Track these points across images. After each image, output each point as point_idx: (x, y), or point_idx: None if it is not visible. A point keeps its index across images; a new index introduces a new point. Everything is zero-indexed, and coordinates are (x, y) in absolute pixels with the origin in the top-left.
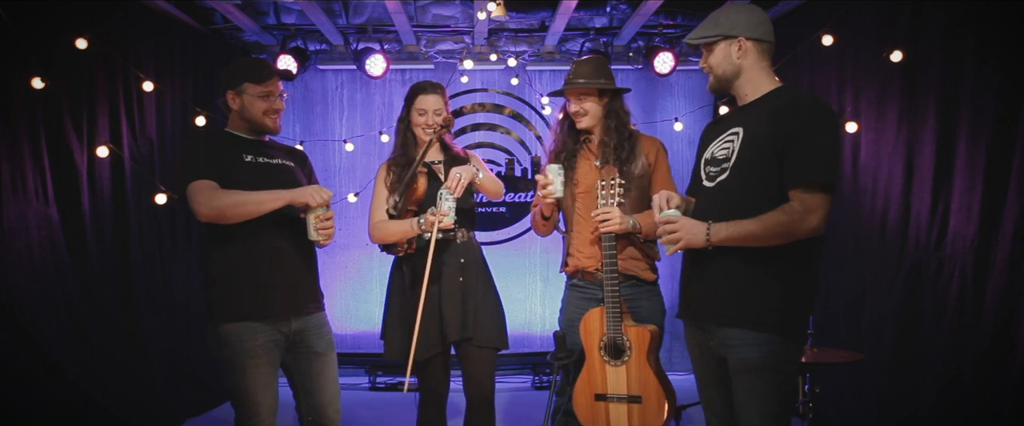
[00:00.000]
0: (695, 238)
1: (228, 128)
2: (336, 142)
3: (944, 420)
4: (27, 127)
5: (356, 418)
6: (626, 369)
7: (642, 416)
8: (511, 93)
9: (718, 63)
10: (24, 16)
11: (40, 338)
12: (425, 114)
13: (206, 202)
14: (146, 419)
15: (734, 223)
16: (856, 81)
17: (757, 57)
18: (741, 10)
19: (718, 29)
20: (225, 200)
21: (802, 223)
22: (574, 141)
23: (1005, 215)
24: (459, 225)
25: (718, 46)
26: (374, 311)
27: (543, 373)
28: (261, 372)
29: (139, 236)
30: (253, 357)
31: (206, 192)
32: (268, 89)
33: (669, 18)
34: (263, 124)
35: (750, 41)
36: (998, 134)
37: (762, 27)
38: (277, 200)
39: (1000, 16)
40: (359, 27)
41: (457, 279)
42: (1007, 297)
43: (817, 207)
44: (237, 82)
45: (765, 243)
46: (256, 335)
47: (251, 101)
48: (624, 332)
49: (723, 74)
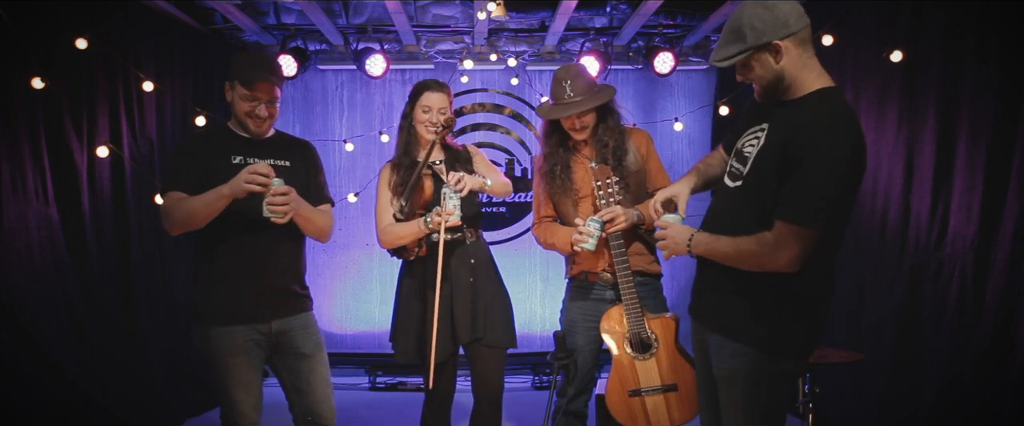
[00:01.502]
0: (678, 247)
1: (230, 121)
2: (336, 142)
3: (944, 420)
4: (27, 127)
5: (356, 418)
6: (656, 361)
7: (680, 403)
8: (511, 93)
9: (759, 75)
10: (24, 16)
11: (40, 338)
12: (429, 111)
13: (166, 217)
14: (146, 419)
15: (714, 238)
16: (856, 81)
17: (798, 52)
18: (761, 11)
19: (745, 43)
20: (177, 214)
21: (772, 257)
22: (565, 149)
23: (1005, 215)
24: (468, 226)
25: (752, 60)
26: (374, 311)
27: (543, 373)
28: (240, 371)
29: (139, 236)
30: (232, 356)
31: (167, 207)
32: (254, 94)
33: (669, 18)
34: (246, 125)
35: (784, 41)
36: (998, 134)
37: (792, 17)
38: (220, 199)
39: (1000, 16)
40: (359, 27)
41: (468, 280)
42: (1007, 297)
43: (791, 244)
44: (231, 77)
45: (737, 266)
46: (235, 335)
47: (236, 100)
48: (647, 325)
49: (769, 85)
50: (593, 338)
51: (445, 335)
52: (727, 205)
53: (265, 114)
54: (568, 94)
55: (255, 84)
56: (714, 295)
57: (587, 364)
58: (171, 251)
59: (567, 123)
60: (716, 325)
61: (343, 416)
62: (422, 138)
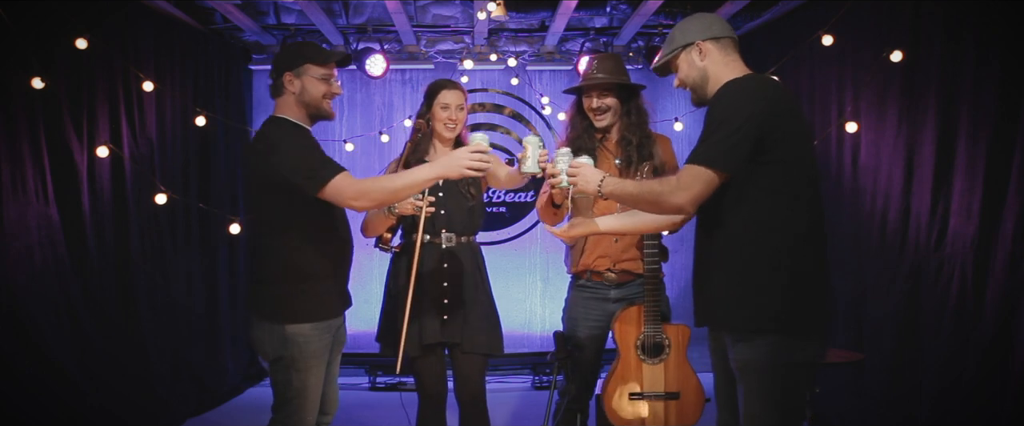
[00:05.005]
0: (589, 185)
1: (279, 113)
2: (336, 142)
3: (944, 420)
4: (27, 127)
5: (356, 418)
6: (664, 367)
7: (679, 413)
8: (511, 93)
9: (686, 73)
10: (24, 16)
11: (40, 338)
12: (449, 109)
13: (363, 194)
14: (146, 419)
15: (623, 181)
16: (856, 81)
17: (720, 55)
18: (691, 20)
19: (674, 44)
20: (378, 193)
21: (671, 196)
22: (591, 139)
23: (1005, 215)
24: (450, 229)
25: (680, 59)
26: (374, 311)
27: (543, 373)
28: (320, 372)
29: (139, 236)
30: (317, 358)
31: (363, 186)
32: (330, 72)
33: (669, 18)
34: (321, 109)
35: (707, 42)
36: (998, 134)
37: (716, 25)
38: (428, 180)
39: (1000, 16)
40: (359, 27)
41: (441, 285)
42: (1007, 297)
43: (692, 186)
44: (297, 62)
45: (640, 207)
46: (323, 336)
47: (312, 83)
48: (664, 330)
49: (694, 82)
50: (596, 336)
51: (413, 335)
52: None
53: (340, 91)
54: (593, 72)
55: (331, 62)
56: (713, 294)
57: (590, 362)
58: (171, 251)
59: (587, 103)
60: (727, 324)
61: (343, 416)
62: (440, 135)
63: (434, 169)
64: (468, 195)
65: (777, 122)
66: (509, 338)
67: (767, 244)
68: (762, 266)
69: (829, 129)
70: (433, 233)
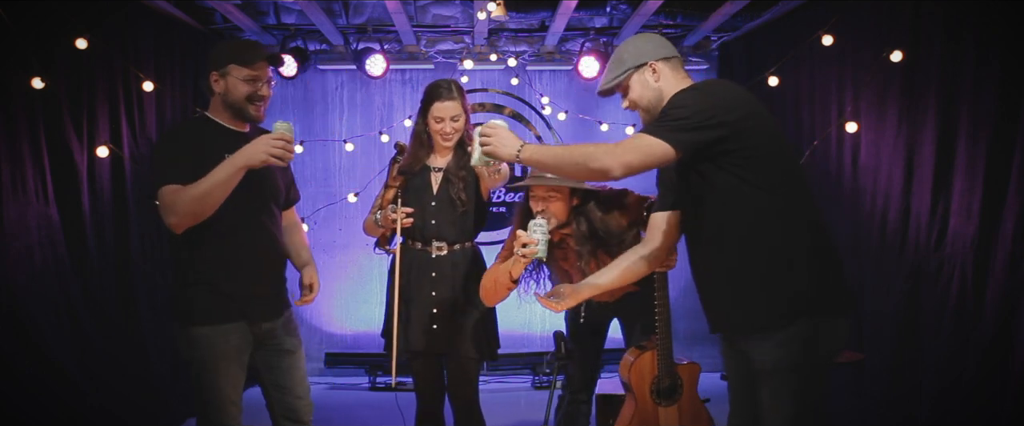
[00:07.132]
0: (507, 151)
1: (209, 113)
2: (336, 142)
3: (944, 420)
4: (27, 127)
5: (356, 418)
6: (678, 408)
7: None
8: (511, 93)
9: (639, 95)
10: (24, 16)
11: (40, 338)
12: (442, 122)
13: (171, 211)
14: (146, 419)
15: (544, 145)
16: (856, 81)
17: (672, 74)
18: (638, 39)
19: (624, 66)
20: (184, 205)
21: (603, 157)
22: None
23: (1005, 215)
24: (440, 238)
25: (632, 80)
26: (374, 311)
27: (543, 373)
28: (233, 373)
29: (139, 236)
30: (226, 360)
31: (170, 201)
32: (255, 73)
33: (669, 18)
34: (245, 111)
35: (659, 61)
36: (998, 134)
37: (662, 46)
38: (236, 173)
39: (1000, 16)
40: (359, 27)
41: (429, 293)
42: (1007, 297)
43: (628, 152)
44: (222, 62)
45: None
46: (230, 337)
47: (235, 84)
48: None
49: (648, 103)
50: (597, 330)
51: (401, 339)
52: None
53: (267, 93)
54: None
55: (256, 63)
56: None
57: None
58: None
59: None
60: (746, 327)
61: (343, 416)
62: (438, 145)
63: (235, 162)
64: (459, 202)
65: (735, 115)
66: (509, 338)
67: (760, 239)
68: (760, 262)
69: (829, 129)
70: (424, 242)
